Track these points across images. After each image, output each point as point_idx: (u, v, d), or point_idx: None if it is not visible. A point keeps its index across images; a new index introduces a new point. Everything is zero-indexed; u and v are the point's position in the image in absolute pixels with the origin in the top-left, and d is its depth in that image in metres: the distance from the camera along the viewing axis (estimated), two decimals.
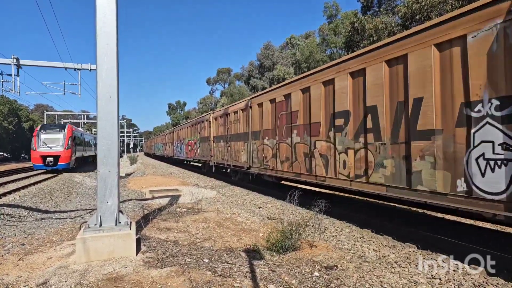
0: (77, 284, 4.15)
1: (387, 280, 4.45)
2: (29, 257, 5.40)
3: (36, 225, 7.77)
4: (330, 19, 39.48)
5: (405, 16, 22.47)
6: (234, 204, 10.54)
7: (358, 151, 7.02)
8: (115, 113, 5.48)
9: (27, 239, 6.55)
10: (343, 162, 7.48)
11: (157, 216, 8.07)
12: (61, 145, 22.57)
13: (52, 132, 23.06)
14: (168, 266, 4.72)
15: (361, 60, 6.88)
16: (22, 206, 10.19)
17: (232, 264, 4.83)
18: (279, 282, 4.19)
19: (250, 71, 55.19)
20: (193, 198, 10.28)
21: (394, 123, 6.09)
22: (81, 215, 8.91)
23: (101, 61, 5.43)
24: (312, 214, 6.51)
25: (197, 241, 6.08)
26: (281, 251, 5.30)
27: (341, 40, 33.97)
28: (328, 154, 8.05)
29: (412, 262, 5.06)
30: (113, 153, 5.44)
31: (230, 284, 4.08)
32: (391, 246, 5.90)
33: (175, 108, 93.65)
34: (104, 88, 5.42)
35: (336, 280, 4.41)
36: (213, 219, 7.99)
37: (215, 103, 66.06)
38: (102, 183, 5.35)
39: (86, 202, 11.58)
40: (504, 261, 4.65)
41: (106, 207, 5.33)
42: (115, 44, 5.50)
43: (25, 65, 16.08)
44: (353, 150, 7.16)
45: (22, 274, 4.62)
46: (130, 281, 4.19)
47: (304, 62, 36.96)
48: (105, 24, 5.45)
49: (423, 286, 4.26)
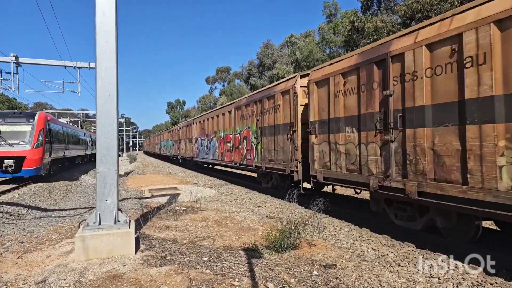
0: (76, 282, 4.15)
1: (386, 279, 4.46)
2: (28, 255, 5.39)
3: (35, 223, 7.77)
4: (329, 18, 39.54)
5: (405, 15, 22.48)
6: (233, 203, 10.55)
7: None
8: (115, 111, 5.47)
9: (26, 237, 6.54)
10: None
11: (156, 214, 8.07)
12: (28, 141, 15.36)
13: (14, 122, 15.77)
14: (167, 264, 4.72)
15: None
16: (21, 204, 10.18)
17: (231, 263, 4.83)
18: (278, 281, 4.19)
19: (249, 70, 55.18)
20: (192, 196, 10.28)
21: None
22: (80, 214, 8.91)
23: (101, 60, 5.42)
24: (311, 213, 6.52)
25: (196, 240, 6.09)
26: (280, 250, 5.31)
27: (340, 39, 33.99)
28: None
29: (411, 261, 5.07)
30: (112, 152, 5.43)
31: (229, 283, 4.08)
32: (390, 245, 5.91)
33: (174, 106, 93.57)
34: (104, 87, 5.41)
35: (335, 279, 4.42)
36: (212, 217, 7.99)
37: (214, 102, 66.02)
38: (101, 182, 5.34)
39: (85, 200, 11.57)
40: (503, 261, 4.66)
41: (105, 205, 5.33)
42: (115, 43, 5.49)
43: (24, 63, 16.01)
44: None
45: (21, 272, 4.61)
46: (129, 280, 4.19)
47: (303, 61, 36.98)
48: (105, 22, 5.44)
49: (421, 285, 4.27)
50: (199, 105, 73.78)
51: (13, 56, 15.42)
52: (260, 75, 51.15)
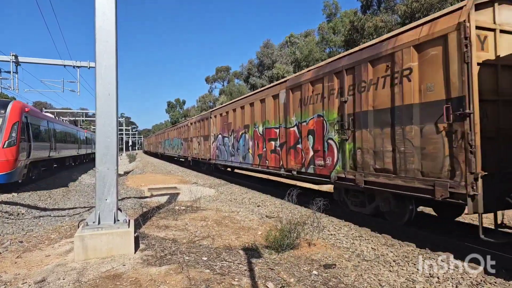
0: (75, 281, 4.15)
1: (385, 279, 4.46)
2: (27, 254, 5.39)
3: (35, 222, 7.76)
4: (329, 18, 39.51)
5: (405, 15, 22.47)
6: (233, 202, 10.54)
7: None
8: (114, 110, 5.47)
9: (25, 236, 6.54)
10: None
11: (156, 214, 8.06)
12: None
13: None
14: (167, 264, 4.72)
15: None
16: (20, 204, 10.17)
17: (230, 262, 4.83)
18: (277, 280, 4.19)
19: (249, 69, 55.12)
20: (192, 196, 10.27)
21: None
22: (80, 213, 8.90)
23: (100, 59, 5.42)
24: (311, 213, 6.51)
25: (195, 239, 6.08)
26: (280, 250, 5.31)
27: (340, 39, 33.98)
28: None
29: (411, 261, 5.07)
30: (112, 151, 5.43)
31: (228, 282, 4.08)
32: (390, 244, 5.91)
33: (174, 106, 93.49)
34: (103, 86, 5.41)
35: (335, 278, 4.42)
36: (211, 217, 7.99)
37: (214, 102, 66.02)
38: (101, 181, 5.34)
39: (85, 200, 11.56)
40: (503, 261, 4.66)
41: (105, 205, 5.33)
42: (114, 42, 5.49)
43: (23, 62, 15.99)
44: None
45: (20, 272, 4.61)
46: (129, 279, 4.18)
47: (303, 60, 36.96)
48: (104, 21, 5.43)
49: (421, 285, 4.27)
50: (199, 104, 73.77)
51: (13, 55, 15.40)
52: (260, 75, 51.12)
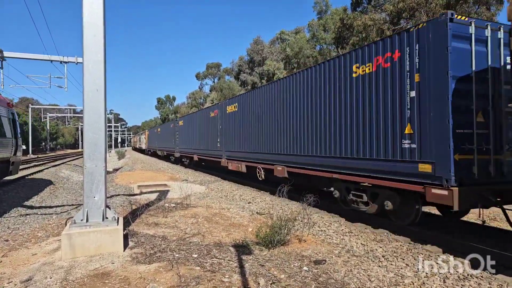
0: (63, 280, 4.08)
1: (375, 274, 4.51)
2: (13, 253, 5.27)
3: (21, 220, 7.61)
4: (320, 15, 39.53)
5: (392, 14, 22.67)
6: (224, 199, 10.52)
7: None
8: (102, 106, 5.37)
9: (11, 235, 6.40)
10: None
11: (145, 211, 7.98)
12: None
13: None
14: (156, 261, 4.68)
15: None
16: (6, 201, 9.94)
17: (221, 259, 4.81)
18: (268, 277, 4.20)
19: (240, 66, 54.99)
20: (182, 193, 10.19)
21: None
22: (67, 211, 8.75)
23: (88, 54, 5.31)
24: (301, 209, 6.54)
25: (185, 236, 6.05)
26: (271, 246, 5.31)
27: (330, 36, 34.05)
28: None
29: (399, 256, 5.14)
30: (100, 148, 5.34)
31: (219, 279, 4.07)
32: (379, 240, 5.98)
33: (164, 102, 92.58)
34: (91, 81, 5.30)
35: (325, 274, 4.45)
36: (202, 214, 7.95)
37: (205, 98, 65.68)
38: (89, 178, 5.25)
39: (73, 197, 11.38)
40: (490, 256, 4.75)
41: (93, 202, 5.24)
42: (102, 36, 5.38)
43: (9, 57, 15.61)
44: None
45: (5, 271, 4.51)
46: (117, 277, 4.13)
47: (294, 57, 36.98)
48: (92, 15, 5.32)
49: (409, 280, 4.33)
50: (189, 101, 73.30)
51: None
52: (251, 72, 51.05)
